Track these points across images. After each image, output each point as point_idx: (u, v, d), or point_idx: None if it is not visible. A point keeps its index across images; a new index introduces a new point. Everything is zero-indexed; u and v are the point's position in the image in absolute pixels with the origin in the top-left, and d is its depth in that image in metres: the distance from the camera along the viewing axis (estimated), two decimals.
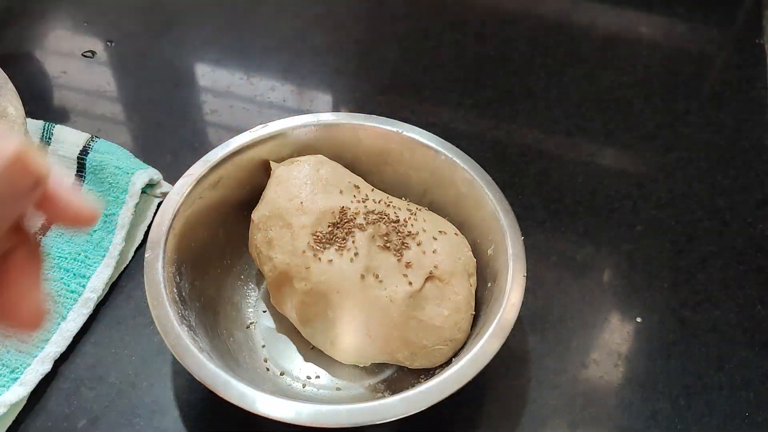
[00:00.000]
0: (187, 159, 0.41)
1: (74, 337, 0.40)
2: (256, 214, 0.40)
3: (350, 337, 0.37)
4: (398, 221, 0.39)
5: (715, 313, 0.43)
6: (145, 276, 0.35)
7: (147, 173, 0.46)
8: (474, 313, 0.38)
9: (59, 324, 0.40)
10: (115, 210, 0.44)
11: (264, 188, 0.41)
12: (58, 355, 0.39)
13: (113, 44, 0.61)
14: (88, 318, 0.41)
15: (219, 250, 0.42)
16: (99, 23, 0.63)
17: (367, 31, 0.63)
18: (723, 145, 0.54)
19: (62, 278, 0.42)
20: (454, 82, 0.58)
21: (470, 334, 0.38)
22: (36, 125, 0.49)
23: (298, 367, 0.39)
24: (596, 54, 0.61)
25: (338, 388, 0.38)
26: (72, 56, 0.59)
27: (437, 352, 0.37)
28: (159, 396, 0.38)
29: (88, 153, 0.47)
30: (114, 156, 0.47)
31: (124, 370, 0.40)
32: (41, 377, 0.38)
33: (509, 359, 0.40)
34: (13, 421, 0.37)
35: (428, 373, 0.38)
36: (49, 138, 0.48)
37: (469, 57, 0.61)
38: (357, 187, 0.41)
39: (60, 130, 0.49)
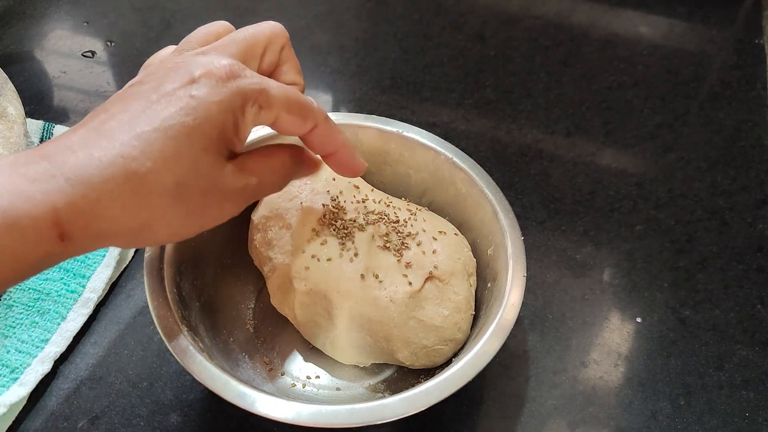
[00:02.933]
0: None
1: (74, 337, 0.40)
2: (256, 215, 0.40)
3: (350, 337, 0.37)
4: (398, 221, 0.39)
5: (715, 313, 0.43)
6: (145, 276, 0.35)
7: None
8: (474, 313, 0.38)
9: (59, 324, 0.40)
10: None
11: None
12: (58, 355, 0.39)
13: (113, 44, 0.61)
14: (88, 318, 0.41)
15: (219, 250, 0.42)
16: (99, 23, 0.63)
17: (368, 31, 0.63)
18: (723, 145, 0.54)
19: (62, 278, 0.42)
20: (454, 82, 0.58)
21: (470, 334, 0.38)
22: (36, 125, 0.49)
23: (298, 367, 0.39)
24: (596, 54, 0.61)
25: (338, 388, 0.38)
26: (72, 56, 0.59)
27: (437, 352, 0.37)
28: (159, 396, 0.38)
29: None
30: None
31: (124, 370, 0.40)
32: (41, 377, 0.38)
33: (509, 359, 0.40)
34: (13, 421, 0.37)
35: (428, 373, 0.38)
36: (49, 137, 0.48)
37: (469, 57, 0.61)
38: (357, 187, 0.41)
39: (60, 130, 0.49)
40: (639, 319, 0.43)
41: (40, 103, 0.55)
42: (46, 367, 0.38)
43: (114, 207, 0.25)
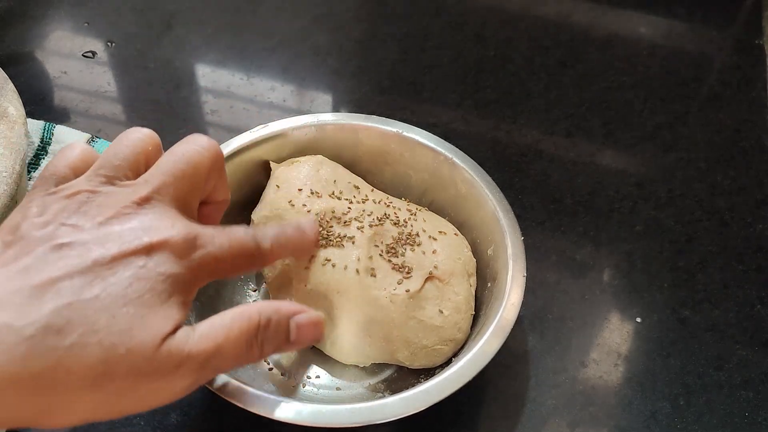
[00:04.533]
0: None
1: None
2: (256, 215, 0.40)
3: (350, 337, 0.37)
4: (398, 222, 0.39)
5: (714, 313, 0.43)
6: None
7: None
8: (474, 313, 0.38)
9: None
10: None
11: (264, 188, 0.41)
12: None
13: (113, 44, 0.61)
14: None
15: None
16: (99, 24, 0.63)
17: (368, 31, 0.63)
18: (723, 145, 0.54)
19: None
20: (454, 83, 0.58)
21: (470, 334, 0.38)
22: (36, 125, 0.49)
23: (298, 367, 0.39)
24: (596, 54, 0.61)
25: (338, 388, 0.38)
26: (72, 56, 0.60)
27: (437, 352, 0.37)
28: None
29: None
30: None
31: None
32: None
33: (509, 359, 0.40)
34: None
35: (428, 373, 0.38)
36: (50, 138, 0.48)
37: (469, 57, 0.61)
38: (357, 187, 0.41)
39: (60, 131, 0.49)
40: (639, 319, 0.43)
41: (41, 104, 0.55)
42: None
43: (20, 394, 0.21)
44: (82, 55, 0.60)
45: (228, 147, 0.41)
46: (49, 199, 0.25)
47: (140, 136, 0.28)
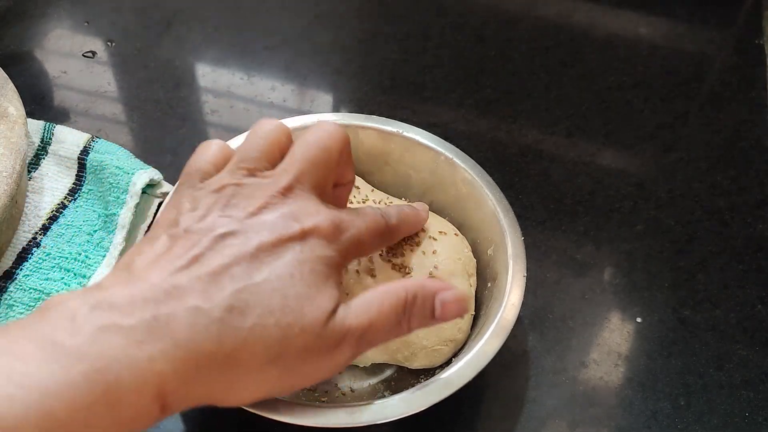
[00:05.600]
0: (187, 159, 0.41)
1: None
2: None
3: None
4: None
5: (715, 313, 0.43)
6: None
7: (147, 173, 0.46)
8: (474, 313, 0.38)
9: None
10: (116, 210, 0.44)
11: None
12: None
13: (114, 44, 0.61)
14: None
15: None
16: (99, 23, 0.63)
17: (369, 31, 0.63)
18: (723, 145, 0.54)
19: (62, 278, 0.42)
20: (455, 83, 0.58)
21: (470, 334, 0.38)
22: (36, 125, 0.49)
23: None
24: (596, 55, 0.61)
25: (338, 388, 0.38)
26: (72, 56, 0.60)
27: (437, 353, 0.37)
28: None
29: (89, 153, 0.47)
30: (114, 156, 0.47)
31: None
32: None
33: (509, 359, 0.40)
34: None
35: (428, 373, 0.38)
36: (50, 138, 0.48)
37: (469, 57, 0.61)
38: (357, 187, 0.41)
39: (60, 130, 0.49)
40: (639, 319, 0.43)
41: (41, 104, 0.55)
42: None
43: (213, 371, 0.23)
44: (82, 54, 0.60)
45: None
46: (198, 194, 0.27)
47: (272, 127, 0.29)
